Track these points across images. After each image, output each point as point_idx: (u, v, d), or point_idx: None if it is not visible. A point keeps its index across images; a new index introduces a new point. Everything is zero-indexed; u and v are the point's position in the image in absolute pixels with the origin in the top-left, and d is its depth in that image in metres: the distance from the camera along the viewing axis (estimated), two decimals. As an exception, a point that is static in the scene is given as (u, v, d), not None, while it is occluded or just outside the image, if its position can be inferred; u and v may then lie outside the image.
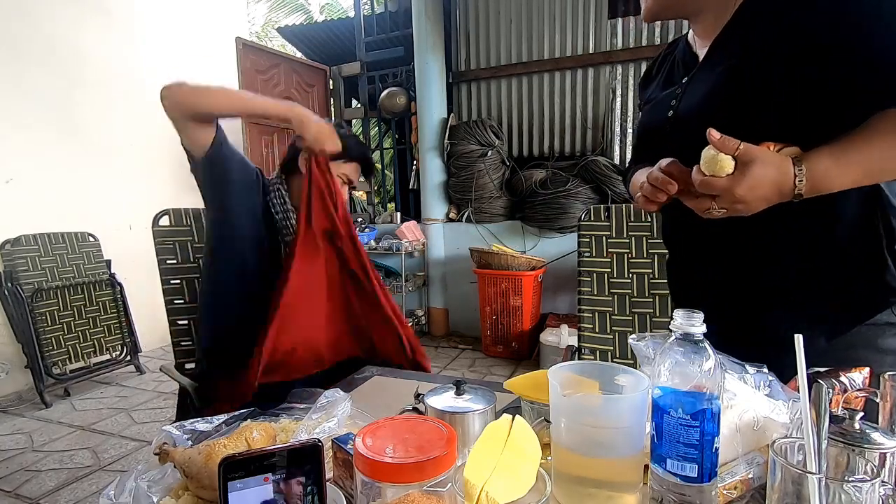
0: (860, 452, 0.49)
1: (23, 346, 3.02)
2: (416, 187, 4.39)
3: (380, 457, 0.49)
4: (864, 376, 0.65)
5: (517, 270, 3.44)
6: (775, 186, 0.64)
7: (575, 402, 0.60)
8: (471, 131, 3.87)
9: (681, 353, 0.54)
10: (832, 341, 0.75)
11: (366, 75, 4.60)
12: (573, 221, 3.49)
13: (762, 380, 0.67)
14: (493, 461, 0.53)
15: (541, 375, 0.75)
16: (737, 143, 0.64)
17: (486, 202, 3.88)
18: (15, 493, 2.05)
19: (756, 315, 0.83)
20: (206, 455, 0.61)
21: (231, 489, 0.44)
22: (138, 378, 3.40)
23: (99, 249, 3.41)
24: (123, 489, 0.60)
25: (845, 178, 0.64)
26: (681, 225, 0.91)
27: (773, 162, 0.64)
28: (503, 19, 3.98)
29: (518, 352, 3.56)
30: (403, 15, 4.31)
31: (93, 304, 3.31)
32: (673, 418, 0.53)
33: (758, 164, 0.63)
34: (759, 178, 0.63)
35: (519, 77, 3.99)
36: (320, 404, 0.77)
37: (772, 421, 0.62)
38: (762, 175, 0.63)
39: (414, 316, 4.20)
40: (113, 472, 2.19)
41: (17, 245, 3.02)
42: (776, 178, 0.64)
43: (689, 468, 0.53)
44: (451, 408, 0.71)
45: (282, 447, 0.47)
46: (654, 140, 0.87)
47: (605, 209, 1.52)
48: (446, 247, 4.13)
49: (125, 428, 2.63)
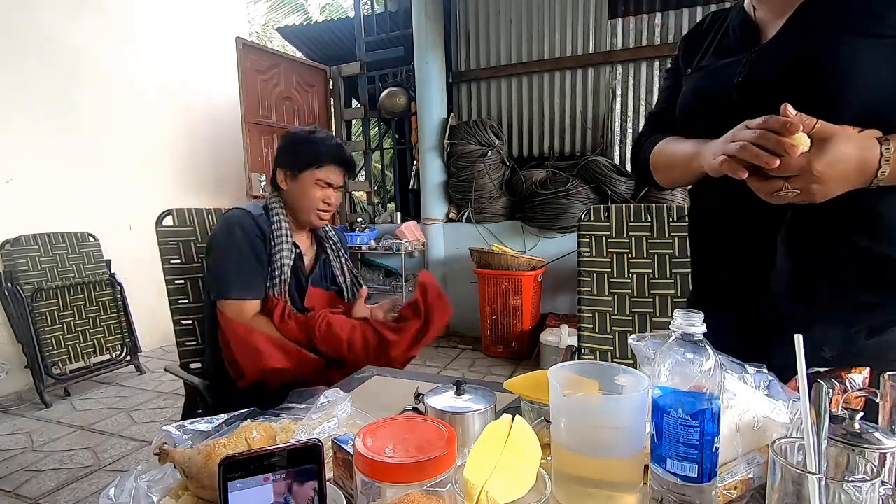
0: (860, 452, 0.49)
1: (23, 346, 3.02)
2: (416, 187, 4.39)
3: (380, 457, 0.49)
4: (864, 376, 0.65)
5: (517, 270, 3.44)
6: (858, 165, 0.59)
7: (575, 402, 0.60)
8: (471, 131, 3.88)
9: (681, 353, 0.54)
10: (872, 338, 0.71)
11: (366, 75, 4.60)
12: (573, 221, 3.49)
13: (762, 380, 0.67)
14: (493, 461, 0.53)
15: (541, 375, 0.75)
16: (814, 121, 0.59)
17: (486, 202, 3.88)
18: (15, 493, 2.05)
19: (788, 307, 0.76)
20: (206, 455, 0.61)
21: (231, 489, 0.44)
22: (138, 378, 3.40)
23: (99, 249, 3.41)
24: (123, 489, 0.60)
25: None
26: (705, 216, 0.86)
27: (854, 140, 0.59)
28: (503, 19, 3.98)
29: (518, 352, 3.56)
30: (403, 15, 4.31)
31: (93, 304, 3.31)
32: (673, 418, 0.53)
33: (839, 141, 0.58)
34: (839, 154, 0.58)
35: (519, 77, 3.99)
36: (320, 404, 0.77)
37: (772, 421, 0.62)
38: (843, 151, 0.58)
39: (414, 316, 4.20)
40: (113, 472, 2.19)
41: (17, 245, 3.02)
42: (859, 156, 0.59)
43: (689, 468, 0.53)
44: (451, 408, 0.71)
45: (282, 447, 0.47)
46: (712, 109, 0.79)
47: (605, 209, 1.52)
48: (446, 247, 4.13)
49: (125, 428, 2.63)
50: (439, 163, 4.07)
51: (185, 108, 4.34)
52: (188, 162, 4.36)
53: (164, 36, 4.19)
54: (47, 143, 3.36)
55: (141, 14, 4.02)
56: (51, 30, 3.39)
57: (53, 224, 3.26)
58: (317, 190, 1.44)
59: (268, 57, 4.12)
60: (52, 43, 3.40)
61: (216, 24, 4.66)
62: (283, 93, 4.22)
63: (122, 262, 3.53)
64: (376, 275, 4.42)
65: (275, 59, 4.18)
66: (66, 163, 3.48)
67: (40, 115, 3.33)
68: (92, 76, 3.66)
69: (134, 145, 3.94)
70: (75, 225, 3.36)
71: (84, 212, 3.54)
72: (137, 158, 3.97)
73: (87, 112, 3.62)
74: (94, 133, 3.66)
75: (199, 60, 4.47)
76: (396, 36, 4.42)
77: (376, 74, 4.57)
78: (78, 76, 3.57)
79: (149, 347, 3.89)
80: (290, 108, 4.31)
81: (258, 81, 4.00)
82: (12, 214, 3.12)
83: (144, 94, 4.02)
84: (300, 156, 1.44)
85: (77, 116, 3.56)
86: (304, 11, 9.22)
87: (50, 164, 3.37)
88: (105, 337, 3.36)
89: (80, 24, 3.58)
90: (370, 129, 5.39)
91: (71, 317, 3.19)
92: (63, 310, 3.16)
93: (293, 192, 1.45)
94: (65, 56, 3.49)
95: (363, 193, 5.15)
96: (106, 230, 3.53)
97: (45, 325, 3.05)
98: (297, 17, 9.04)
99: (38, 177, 3.30)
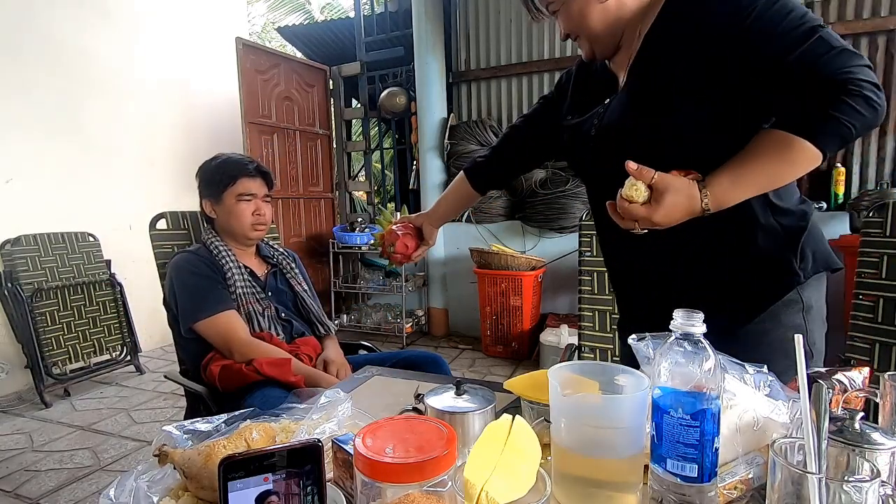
0: (860, 452, 0.49)
1: (23, 346, 3.02)
2: (416, 187, 4.39)
3: (380, 457, 0.49)
4: (864, 376, 0.65)
5: (517, 270, 3.44)
6: (686, 209, 0.75)
7: (575, 402, 0.60)
8: (471, 131, 3.87)
9: (681, 353, 0.54)
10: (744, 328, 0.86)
11: (366, 75, 4.59)
12: (573, 221, 3.49)
13: (762, 380, 0.67)
14: (493, 461, 0.53)
15: (541, 375, 0.75)
16: (652, 173, 0.75)
17: (486, 202, 3.87)
18: (15, 493, 2.05)
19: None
20: (206, 455, 0.61)
21: (231, 489, 0.44)
22: (138, 378, 3.40)
23: (99, 249, 3.41)
24: (123, 489, 0.60)
25: (741, 194, 0.76)
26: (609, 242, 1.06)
27: (683, 188, 0.75)
28: (503, 19, 3.98)
29: (518, 352, 3.56)
30: (403, 15, 4.31)
31: (93, 304, 3.31)
32: (673, 418, 0.53)
33: (671, 193, 0.74)
34: (671, 205, 0.75)
35: (519, 77, 3.98)
36: (320, 404, 0.77)
37: (772, 421, 0.62)
38: (674, 202, 0.75)
39: (414, 316, 4.20)
40: (113, 472, 2.19)
41: (17, 245, 3.02)
42: (686, 204, 0.75)
43: (689, 468, 0.53)
44: (451, 408, 0.71)
45: (282, 447, 0.47)
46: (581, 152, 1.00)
47: (605, 209, 1.52)
48: (446, 247, 4.13)
49: (125, 428, 2.63)
50: (439, 163, 4.07)
51: (185, 108, 4.34)
52: (188, 162, 4.34)
53: (164, 36, 4.19)
54: (47, 143, 3.36)
55: (141, 14, 4.02)
56: (51, 30, 3.39)
57: (53, 224, 3.26)
58: (242, 205, 1.53)
59: (268, 57, 4.11)
60: (53, 43, 3.40)
61: (216, 24, 4.66)
62: (283, 93, 4.22)
63: (122, 262, 3.53)
64: (376, 275, 4.43)
65: (275, 59, 4.18)
66: (66, 163, 3.48)
67: (40, 115, 3.32)
68: (92, 76, 3.66)
69: (134, 145, 3.94)
70: (75, 225, 3.36)
71: (84, 212, 3.54)
72: (137, 158, 3.97)
73: (87, 112, 3.62)
74: (94, 133, 3.66)
75: (199, 60, 4.47)
76: (396, 36, 4.42)
77: (376, 74, 4.57)
78: (78, 76, 3.57)
79: (149, 347, 3.89)
80: (290, 108, 4.31)
81: (258, 81, 4.00)
82: (12, 214, 3.12)
83: (145, 93, 4.02)
84: (214, 180, 1.54)
85: (77, 116, 3.56)
86: (305, 11, 9.21)
87: (50, 164, 3.37)
88: (105, 337, 3.36)
89: (80, 24, 3.58)
90: (370, 129, 5.39)
91: (71, 317, 3.19)
92: (63, 310, 3.16)
93: (222, 216, 1.55)
94: (65, 56, 3.48)
95: (363, 193, 5.15)
96: (106, 230, 3.53)
97: (45, 325, 3.05)
98: (297, 17, 9.03)
99: (38, 177, 3.30)
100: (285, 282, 1.65)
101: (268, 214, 1.59)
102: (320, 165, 4.67)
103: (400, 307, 4.08)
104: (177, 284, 1.44)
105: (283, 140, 4.25)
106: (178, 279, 1.45)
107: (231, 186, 1.52)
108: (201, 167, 1.59)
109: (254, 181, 1.56)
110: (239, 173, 1.53)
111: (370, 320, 4.20)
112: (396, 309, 4.19)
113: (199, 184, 1.58)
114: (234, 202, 1.52)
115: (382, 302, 4.46)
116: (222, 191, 1.53)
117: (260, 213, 1.56)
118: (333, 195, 4.81)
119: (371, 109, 4.65)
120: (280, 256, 1.69)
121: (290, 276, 1.67)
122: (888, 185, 3.03)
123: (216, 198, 1.54)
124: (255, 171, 1.57)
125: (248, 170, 1.55)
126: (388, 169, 5.08)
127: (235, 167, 1.54)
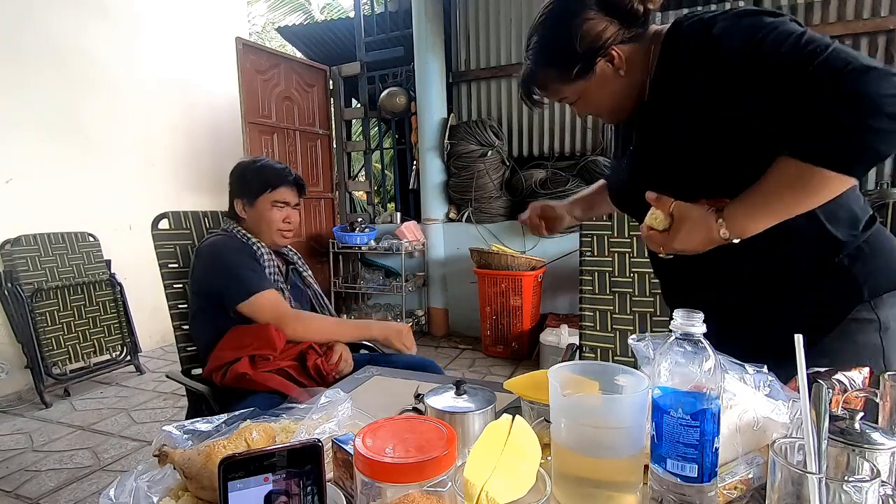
0: (860, 452, 0.49)
1: (23, 346, 3.02)
2: (416, 187, 4.39)
3: (380, 457, 0.49)
4: (864, 376, 0.65)
5: (517, 270, 3.44)
6: (705, 237, 0.77)
7: (575, 402, 0.60)
8: (471, 131, 3.87)
9: (681, 353, 0.54)
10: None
11: (366, 75, 4.59)
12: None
13: (762, 380, 0.67)
14: (493, 461, 0.53)
15: (541, 375, 0.75)
16: (670, 203, 0.79)
17: (486, 202, 3.88)
18: (15, 493, 2.05)
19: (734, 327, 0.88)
20: (206, 456, 0.61)
21: (231, 489, 0.44)
22: (138, 378, 3.40)
23: (99, 249, 3.41)
24: (123, 489, 0.60)
25: (760, 225, 0.75)
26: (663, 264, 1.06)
27: (698, 219, 0.77)
28: (503, 19, 3.97)
29: (518, 352, 3.56)
30: (403, 15, 4.31)
31: (93, 304, 3.31)
32: (673, 418, 0.53)
33: (687, 222, 0.78)
34: (686, 233, 0.78)
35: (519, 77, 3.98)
36: (321, 404, 0.77)
37: (772, 421, 0.62)
38: (689, 231, 0.78)
39: (414, 316, 4.20)
40: (113, 472, 2.19)
41: (17, 245, 3.02)
42: (703, 233, 0.77)
43: (689, 468, 0.53)
44: (451, 408, 0.71)
45: (282, 447, 0.47)
46: (619, 191, 1.07)
47: (605, 209, 1.52)
48: (446, 247, 4.13)
49: (125, 428, 2.63)
50: (439, 163, 4.06)
51: (185, 108, 4.34)
52: (188, 162, 4.36)
53: (164, 36, 4.19)
54: (47, 143, 3.36)
55: (141, 14, 4.02)
56: (51, 30, 3.39)
57: (53, 224, 3.26)
58: (275, 211, 1.55)
59: (268, 57, 4.11)
60: (53, 43, 3.40)
61: (216, 24, 4.66)
62: (283, 93, 4.22)
63: (122, 262, 3.53)
64: (376, 275, 4.43)
65: (275, 59, 4.17)
66: (66, 163, 3.47)
67: (40, 115, 3.32)
68: (92, 76, 3.66)
69: (134, 145, 3.94)
70: (75, 225, 3.36)
71: (84, 212, 3.54)
72: (137, 158, 3.97)
73: (87, 112, 3.62)
74: (94, 133, 3.66)
75: (199, 60, 4.46)
76: (396, 36, 4.42)
77: (376, 74, 4.57)
78: (78, 76, 3.57)
79: (149, 347, 3.89)
80: (290, 108, 4.31)
81: (258, 81, 4.00)
82: (12, 214, 3.12)
83: (145, 94, 4.02)
84: (252, 183, 1.56)
85: (77, 116, 3.56)
86: (305, 11, 9.21)
87: (50, 164, 3.37)
88: (105, 337, 3.36)
89: (80, 24, 3.58)
90: (370, 129, 5.39)
91: (71, 317, 3.19)
92: (63, 310, 3.16)
93: (253, 218, 1.57)
94: (65, 56, 3.48)
95: (363, 193, 5.15)
96: (106, 230, 3.53)
97: (45, 325, 3.05)
98: (298, 17, 9.03)
99: (38, 177, 3.29)
100: (301, 279, 1.71)
101: (296, 221, 1.62)
102: (320, 165, 4.67)
103: (400, 307, 4.08)
104: (218, 264, 1.44)
105: (283, 140, 4.25)
106: (220, 259, 1.45)
107: (269, 192, 1.55)
108: (239, 166, 1.60)
109: (290, 190, 1.59)
110: (279, 182, 1.56)
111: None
112: (396, 309, 4.19)
113: (233, 182, 1.59)
114: (267, 207, 1.55)
115: (382, 302, 4.47)
116: (258, 195, 1.55)
117: (289, 220, 1.59)
118: (333, 195, 4.81)
119: (371, 109, 4.65)
120: (293, 255, 1.74)
121: (305, 273, 1.72)
122: (888, 185, 3.03)
123: (250, 200, 1.55)
124: (294, 181, 1.60)
125: (287, 180, 1.58)
126: (388, 169, 5.08)
127: (276, 176, 1.56)
